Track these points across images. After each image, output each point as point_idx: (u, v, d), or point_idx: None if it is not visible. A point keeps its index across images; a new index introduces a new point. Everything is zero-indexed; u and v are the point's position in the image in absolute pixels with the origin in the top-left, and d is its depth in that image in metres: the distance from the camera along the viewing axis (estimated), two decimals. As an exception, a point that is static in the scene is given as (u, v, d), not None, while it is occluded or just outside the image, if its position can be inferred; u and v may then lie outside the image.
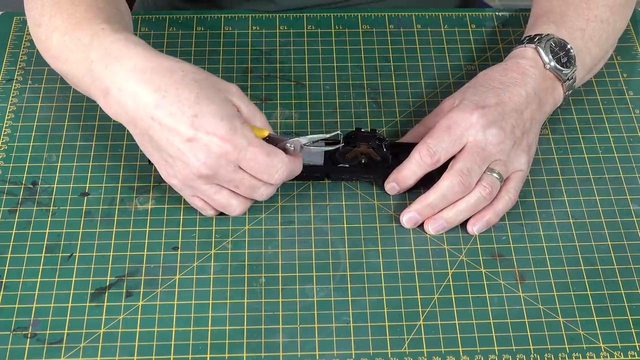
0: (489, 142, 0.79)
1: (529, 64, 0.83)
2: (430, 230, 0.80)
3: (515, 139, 0.80)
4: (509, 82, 0.82)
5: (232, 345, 0.74)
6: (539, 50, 0.84)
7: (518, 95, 0.81)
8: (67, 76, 0.82)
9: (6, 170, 0.85)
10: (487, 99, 0.81)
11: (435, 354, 0.74)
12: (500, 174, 0.80)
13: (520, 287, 0.78)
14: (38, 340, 0.74)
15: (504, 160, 0.80)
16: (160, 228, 0.81)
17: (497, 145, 0.79)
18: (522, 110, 0.81)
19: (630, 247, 0.81)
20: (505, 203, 0.81)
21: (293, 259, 0.79)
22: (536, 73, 0.83)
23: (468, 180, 0.78)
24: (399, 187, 0.82)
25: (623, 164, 0.87)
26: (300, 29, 0.99)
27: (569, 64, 0.84)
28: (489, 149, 0.79)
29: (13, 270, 0.78)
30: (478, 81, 0.84)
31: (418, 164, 0.80)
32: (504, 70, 0.84)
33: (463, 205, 0.80)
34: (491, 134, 0.79)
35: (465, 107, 0.80)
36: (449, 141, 0.79)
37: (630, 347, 0.74)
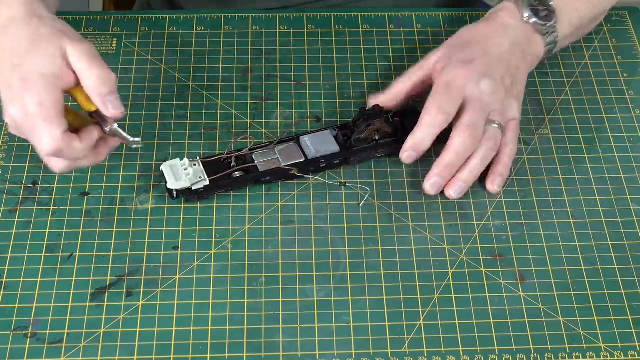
0: (484, 93, 0.82)
1: (507, 15, 0.87)
2: (452, 194, 0.82)
3: (506, 87, 0.83)
4: (491, 34, 0.86)
5: (232, 345, 0.74)
6: (518, 4, 0.87)
7: (501, 46, 0.85)
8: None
9: (6, 170, 0.85)
10: (473, 53, 0.84)
11: (435, 354, 0.74)
12: (499, 124, 0.83)
13: (521, 287, 0.78)
14: (38, 340, 0.74)
15: (500, 110, 0.83)
16: (160, 228, 0.81)
17: (491, 95, 0.82)
18: (508, 59, 0.85)
19: (630, 247, 0.81)
20: (509, 154, 0.84)
21: (293, 258, 0.79)
22: (515, 24, 0.86)
23: (476, 132, 0.81)
24: (416, 152, 0.83)
25: (623, 164, 0.87)
26: (300, 29, 0.99)
27: (548, 18, 0.87)
28: (485, 100, 0.82)
29: (13, 270, 0.78)
30: (462, 37, 0.87)
31: (431, 125, 0.82)
32: (485, 23, 0.87)
33: (474, 162, 0.82)
34: (484, 84, 0.82)
35: (453, 66, 0.83)
36: (452, 97, 0.82)
37: (630, 347, 0.74)
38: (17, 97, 0.75)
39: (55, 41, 0.76)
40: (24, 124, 0.75)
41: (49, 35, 0.76)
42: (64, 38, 0.76)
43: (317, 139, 0.85)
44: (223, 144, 0.87)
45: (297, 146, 0.85)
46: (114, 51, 0.96)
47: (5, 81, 0.76)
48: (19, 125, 0.76)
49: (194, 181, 0.81)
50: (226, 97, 0.92)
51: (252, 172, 0.83)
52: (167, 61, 0.95)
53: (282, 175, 0.84)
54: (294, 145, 0.85)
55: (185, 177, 0.81)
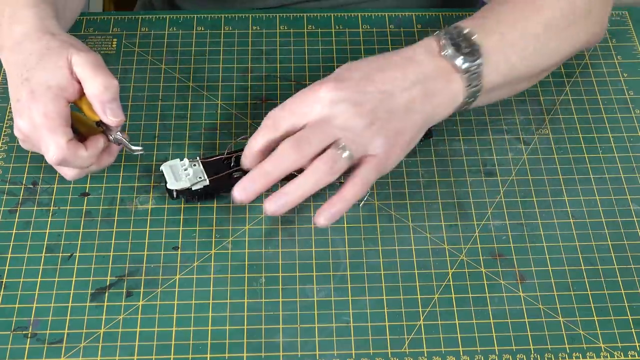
0: (335, 116, 0.74)
1: (419, 50, 0.78)
2: (267, 207, 0.74)
3: (373, 119, 0.74)
4: (387, 65, 0.77)
5: (232, 345, 0.74)
6: (439, 39, 0.78)
7: (392, 78, 0.76)
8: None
9: (6, 170, 0.85)
10: (352, 73, 0.76)
11: (435, 354, 0.74)
12: (349, 153, 0.74)
13: (521, 287, 0.78)
14: (38, 340, 0.74)
15: (352, 139, 0.74)
16: (160, 228, 0.81)
17: (345, 121, 0.74)
18: (394, 94, 0.75)
19: (630, 247, 0.81)
20: (352, 189, 0.74)
21: (293, 259, 0.79)
22: (425, 60, 0.77)
23: (303, 147, 0.73)
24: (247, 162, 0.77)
25: (623, 164, 0.87)
26: (300, 29, 0.99)
27: (470, 55, 0.77)
28: (333, 123, 0.74)
29: (13, 270, 0.78)
30: (358, 61, 0.78)
31: (262, 133, 0.76)
32: (390, 54, 0.78)
33: (302, 178, 0.74)
34: (339, 109, 0.74)
35: (323, 80, 0.75)
36: (293, 110, 0.75)
37: (630, 347, 0.74)
38: (25, 110, 0.76)
39: (62, 52, 0.78)
40: (31, 136, 0.77)
41: (57, 48, 0.78)
42: (71, 49, 0.78)
43: None
44: (223, 144, 0.87)
45: None
46: (114, 51, 0.96)
47: (15, 95, 0.78)
48: (27, 137, 0.78)
49: (194, 181, 0.81)
50: (226, 97, 0.92)
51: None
52: (167, 61, 0.95)
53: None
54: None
55: (185, 177, 0.81)
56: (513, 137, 0.89)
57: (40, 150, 0.78)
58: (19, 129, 0.78)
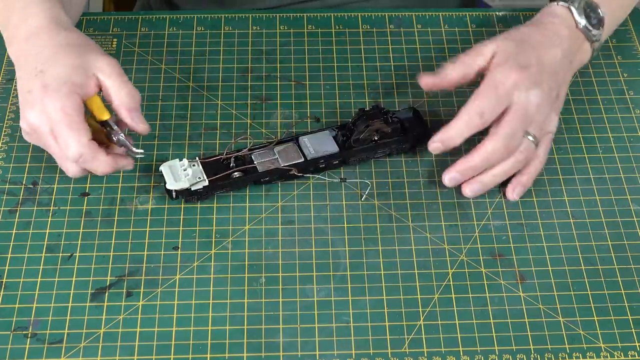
0: (531, 103, 0.79)
1: (561, 22, 0.85)
2: (468, 192, 0.82)
3: (551, 101, 0.82)
4: (547, 42, 0.83)
5: (232, 345, 0.74)
6: (572, 10, 0.85)
7: (554, 57, 0.82)
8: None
9: (6, 170, 0.85)
10: (528, 58, 0.81)
11: (435, 354, 0.74)
12: (536, 138, 0.81)
13: (521, 287, 0.78)
14: (38, 340, 0.74)
15: (541, 123, 0.81)
16: (160, 228, 0.81)
17: (537, 107, 0.80)
18: (557, 72, 0.82)
19: (630, 247, 0.81)
20: (537, 166, 0.83)
21: (293, 259, 0.79)
22: (567, 32, 0.84)
23: (512, 144, 0.79)
24: (444, 147, 0.80)
25: (623, 164, 0.87)
26: (300, 29, 0.99)
27: (598, 26, 0.86)
28: (530, 111, 0.79)
29: (13, 270, 0.78)
30: (516, 37, 0.83)
31: (466, 124, 0.79)
32: (539, 28, 0.84)
33: (500, 169, 0.81)
34: (534, 94, 0.80)
35: (509, 67, 0.80)
36: (496, 101, 0.79)
37: (630, 347, 0.74)
38: (37, 103, 0.76)
39: (81, 52, 0.78)
40: (43, 130, 0.77)
41: (74, 46, 0.79)
42: (90, 51, 0.79)
43: (316, 140, 0.85)
44: (223, 144, 0.87)
45: (296, 146, 0.85)
46: (114, 51, 0.96)
47: (26, 86, 0.78)
48: (35, 129, 0.77)
49: (193, 182, 0.81)
50: (226, 97, 0.92)
51: (251, 172, 0.83)
52: (167, 61, 0.95)
53: (282, 176, 0.84)
54: (293, 145, 0.85)
55: (184, 177, 0.81)
56: (513, 137, 0.88)
57: (45, 144, 0.78)
58: (27, 121, 0.77)
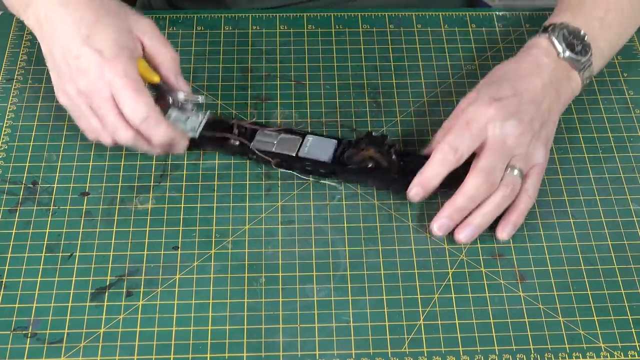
0: (508, 135, 0.78)
1: (542, 53, 0.83)
2: (461, 238, 0.79)
3: (534, 131, 0.79)
4: (524, 73, 0.81)
5: (232, 345, 0.74)
6: (552, 40, 0.83)
7: (534, 86, 0.81)
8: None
9: (6, 170, 0.85)
10: (502, 91, 0.80)
11: (435, 354, 0.74)
12: (520, 170, 0.79)
13: (521, 287, 0.78)
14: (38, 340, 0.74)
15: (523, 155, 0.79)
16: (160, 228, 0.81)
17: (516, 138, 0.78)
18: (540, 101, 0.80)
19: (630, 247, 0.81)
20: (526, 202, 0.80)
21: (293, 258, 0.79)
22: (550, 63, 0.82)
23: (492, 177, 0.77)
24: (423, 190, 0.79)
25: (623, 164, 0.87)
26: (300, 29, 0.99)
27: (584, 52, 0.83)
28: (508, 143, 0.78)
29: (13, 270, 0.78)
30: (491, 76, 0.83)
31: (441, 163, 0.78)
32: (517, 62, 0.83)
33: (488, 207, 0.78)
34: (510, 125, 0.78)
35: (481, 101, 0.79)
36: (469, 136, 0.78)
37: (630, 347, 0.74)
38: (92, 69, 0.78)
39: (122, 16, 0.80)
40: (101, 96, 0.78)
41: (115, 9, 0.81)
42: (129, 13, 0.81)
43: (318, 142, 0.85)
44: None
45: (298, 141, 0.85)
46: (114, 51, 0.96)
47: (71, 52, 0.79)
48: (89, 96, 0.79)
49: (186, 128, 0.83)
50: (226, 97, 0.92)
51: (243, 145, 0.84)
52: (167, 61, 0.95)
53: (264, 161, 0.84)
54: (297, 139, 0.85)
55: (183, 120, 0.84)
56: (513, 137, 0.88)
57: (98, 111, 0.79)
58: (78, 88, 0.79)
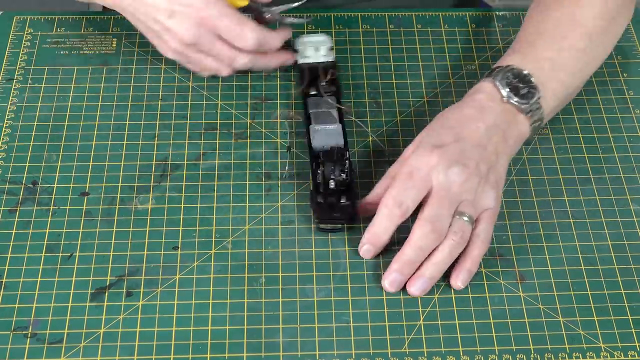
0: (453, 182, 0.75)
1: (485, 98, 0.80)
2: (414, 292, 0.76)
3: (480, 176, 0.77)
4: (465, 119, 0.79)
5: (232, 345, 0.74)
6: (496, 84, 0.81)
7: (476, 130, 0.78)
8: None
9: (6, 170, 0.85)
10: (444, 138, 0.77)
11: (435, 354, 0.74)
12: (470, 216, 0.76)
13: (521, 287, 0.78)
14: (38, 340, 0.74)
15: (471, 200, 0.76)
16: (160, 228, 0.81)
17: (462, 185, 0.76)
18: (485, 145, 0.78)
19: (630, 247, 0.81)
20: (480, 247, 0.77)
21: (293, 258, 0.79)
22: (494, 106, 0.80)
23: (440, 226, 0.75)
24: (374, 248, 0.78)
25: (623, 164, 0.87)
26: (300, 29, 0.99)
27: (529, 95, 0.80)
28: (454, 190, 0.76)
29: (13, 270, 0.78)
30: (434, 124, 0.80)
31: (387, 218, 0.76)
32: (460, 108, 0.81)
33: (438, 256, 0.76)
34: (454, 172, 0.76)
35: (423, 149, 0.77)
36: (413, 188, 0.76)
37: (630, 347, 0.74)
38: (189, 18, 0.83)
39: None
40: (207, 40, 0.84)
41: None
42: None
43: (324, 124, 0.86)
44: (223, 144, 0.87)
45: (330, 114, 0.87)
46: (114, 51, 0.96)
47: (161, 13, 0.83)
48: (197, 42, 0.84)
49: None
50: (226, 97, 0.92)
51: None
52: (167, 61, 0.94)
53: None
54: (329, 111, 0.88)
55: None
56: (513, 137, 0.88)
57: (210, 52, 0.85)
58: (183, 39, 0.84)
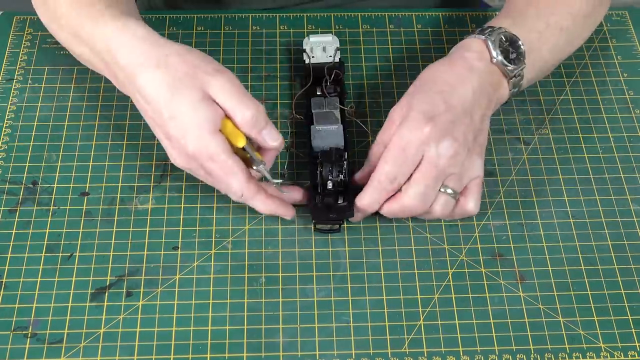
0: (442, 156, 0.75)
1: (474, 57, 0.79)
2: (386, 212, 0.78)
3: (468, 146, 0.77)
4: (455, 81, 0.78)
5: (232, 345, 0.74)
6: (488, 43, 0.80)
7: (465, 96, 0.77)
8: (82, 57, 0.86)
9: (6, 170, 0.85)
10: (435, 106, 0.76)
11: (435, 354, 0.74)
12: (454, 191, 0.77)
13: (521, 287, 0.78)
14: (38, 340, 0.74)
15: (459, 174, 0.77)
16: (160, 228, 0.81)
17: (450, 158, 0.75)
18: (472, 112, 0.77)
19: (630, 247, 0.81)
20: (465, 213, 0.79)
21: (293, 259, 0.79)
22: (482, 67, 0.79)
23: (427, 200, 0.76)
24: (362, 215, 0.80)
25: (623, 164, 0.87)
26: (301, 29, 0.99)
27: (517, 61, 0.80)
28: (442, 165, 0.75)
29: (13, 270, 0.78)
30: (423, 82, 0.79)
31: (379, 192, 0.77)
32: (450, 65, 0.79)
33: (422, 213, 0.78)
34: (444, 147, 0.75)
35: (415, 121, 0.76)
36: (404, 164, 0.75)
37: (630, 347, 0.74)
38: (182, 152, 0.75)
39: (194, 82, 0.74)
40: (198, 173, 0.77)
41: (185, 77, 0.74)
42: (201, 75, 0.75)
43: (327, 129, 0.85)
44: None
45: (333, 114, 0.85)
46: (114, 51, 0.96)
47: (163, 132, 0.76)
48: (191, 171, 0.77)
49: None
50: (226, 97, 0.92)
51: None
52: (167, 61, 0.94)
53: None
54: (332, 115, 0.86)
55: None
56: (513, 137, 0.89)
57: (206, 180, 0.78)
58: (178, 164, 0.77)
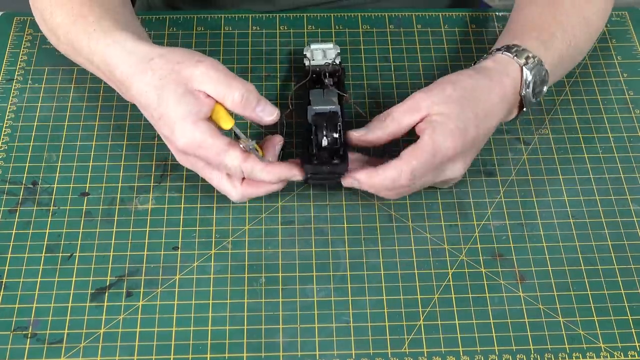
0: (448, 175, 0.78)
1: (509, 84, 0.79)
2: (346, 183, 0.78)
3: (466, 166, 0.79)
4: (489, 110, 0.78)
5: (232, 345, 0.74)
6: (524, 74, 0.80)
7: (490, 128, 0.79)
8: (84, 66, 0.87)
9: (6, 170, 0.85)
10: (469, 128, 0.76)
11: (435, 354, 0.74)
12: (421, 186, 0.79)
13: (521, 287, 0.78)
14: (38, 340, 0.74)
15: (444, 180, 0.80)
16: (160, 228, 0.81)
17: (452, 179, 0.80)
18: (484, 140, 0.79)
19: (630, 247, 0.81)
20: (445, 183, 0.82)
21: (293, 259, 0.79)
22: (512, 99, 0.80)
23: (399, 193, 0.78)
24: (360, 189, 0.78)
25: (623, 164, 0.87)
26: (300, 29, 0.99)
27: (539, 95, 0.82)
28: (437, 178, 0.78)
29: (13, 270, 0.78)
30: (465, 92, 0.77)
31: (393, 181, 0.75)
32: (489, 88, 0.78)
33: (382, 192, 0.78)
34: (456, 169, 0.78)
35: (451, 131, 0.75)
36: (431, 169, 0.76)
37: (630, 347, 0.74)
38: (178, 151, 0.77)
39: (177, 78, 0.75)
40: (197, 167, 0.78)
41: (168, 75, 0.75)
42: (184, 70, 0.75)
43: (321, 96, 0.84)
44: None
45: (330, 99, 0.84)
46: (114, 51, 0.95)
47: (160, 132, 0.78)
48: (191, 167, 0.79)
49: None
50: (226, 97, 0.92)
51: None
52: (167, 61, 0.95)
53: None
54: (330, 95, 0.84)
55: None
56: (513, 137, 0.89)
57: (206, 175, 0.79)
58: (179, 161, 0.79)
